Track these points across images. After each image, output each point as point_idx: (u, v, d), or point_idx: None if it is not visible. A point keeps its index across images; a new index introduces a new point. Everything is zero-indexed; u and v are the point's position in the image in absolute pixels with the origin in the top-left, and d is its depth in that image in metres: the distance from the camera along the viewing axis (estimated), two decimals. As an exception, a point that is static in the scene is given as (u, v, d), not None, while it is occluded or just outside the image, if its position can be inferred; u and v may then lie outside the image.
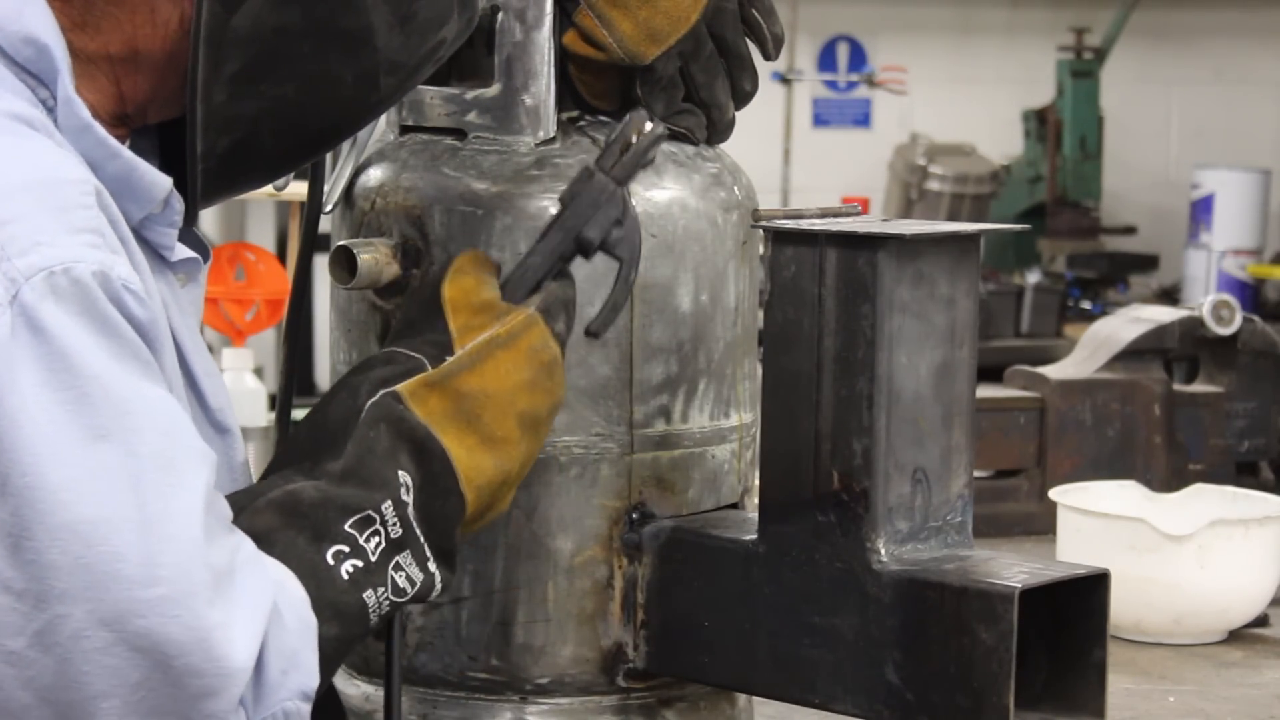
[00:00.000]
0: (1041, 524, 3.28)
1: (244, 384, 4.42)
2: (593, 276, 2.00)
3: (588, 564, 2.12)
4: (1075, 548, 2.90)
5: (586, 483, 2.11)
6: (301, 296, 2.22)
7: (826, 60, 9.18)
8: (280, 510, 1.69)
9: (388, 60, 1.76)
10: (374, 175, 2.17)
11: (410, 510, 1.74)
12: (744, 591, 2.04)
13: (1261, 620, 2.98)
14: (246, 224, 7.62)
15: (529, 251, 1.94)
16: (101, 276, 1.54)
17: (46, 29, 1.65)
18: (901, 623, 1.93)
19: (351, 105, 1.79)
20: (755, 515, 2.07)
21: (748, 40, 2.17)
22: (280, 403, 2.22)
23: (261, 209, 7.51)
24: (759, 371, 2.11)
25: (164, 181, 1.70)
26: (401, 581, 1.73)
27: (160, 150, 1.82)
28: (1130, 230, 9.07)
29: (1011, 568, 1.93)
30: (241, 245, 5.07)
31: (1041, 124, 8.80)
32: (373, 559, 1.70)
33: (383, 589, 1.71)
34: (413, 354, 1.83)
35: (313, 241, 2.19)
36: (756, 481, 2.12)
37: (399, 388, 1.78)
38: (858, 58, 9.20)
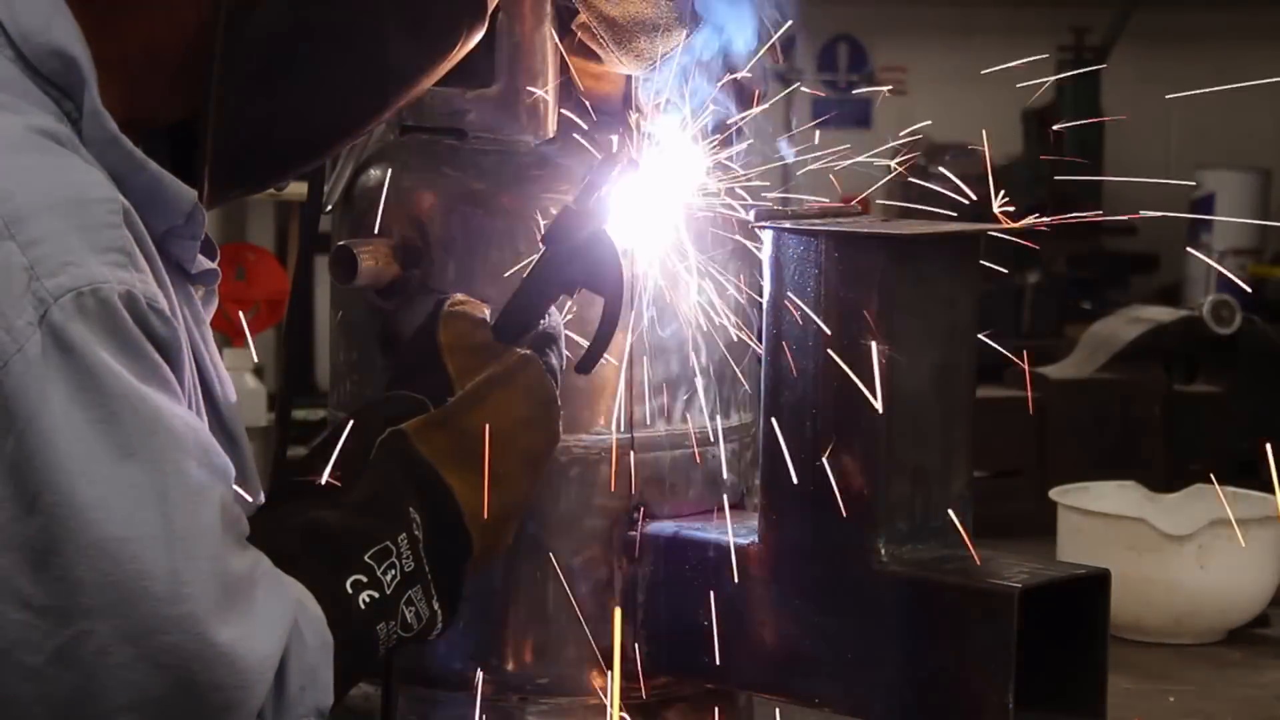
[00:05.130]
0: (1041, 524, 3.28)
1: (244, 384, 4.42)
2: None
3: (588, 564, 2.12)
4: (1075, 548, 2.90)
5: (586, 483, 2.11)
6: (301, 296, 2.22)
7: (826, 60, 9.17)
8: (304, 535, 1.71)
9: (399, 66, 1.77)
10: (374, 175, 2.17)
11: (421, 546, 1.75)
12: (744, 591, 2.04)
13: (1261, 620, 2.98)
14: (246, 224, 7.61)
15: (515, 293, 1.95)
16: (128, 297, 1.55)
17: (73, 40, 1.64)
18: (901, 623, 1.93)
19: (361, 108, 1.79)
20: (755, 515, 2.06)
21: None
22: (280, 403, 2.22)
23: (261, 209, 7.51)
24: (759, 371, 2.11)
25: (189, 195, 1.70)
26: (410, 616, 1.75)
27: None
28: (1130, 230, 9.07)
29: (1011, 568, 1.93)
30: (241, 245, 5.07)
31: (1041, 124, 8.80)
32: (388, 591, 1.73)
33: (393, 622, 1.74)
34: (415, 395, 1.84)
35: (313, 241, 2.19)
36: (757, 481, 2.12)
37: (405, 426, 1.80)
38: (858, 58, 9.20)
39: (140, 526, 1.52)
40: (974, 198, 2.12)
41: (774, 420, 2.02)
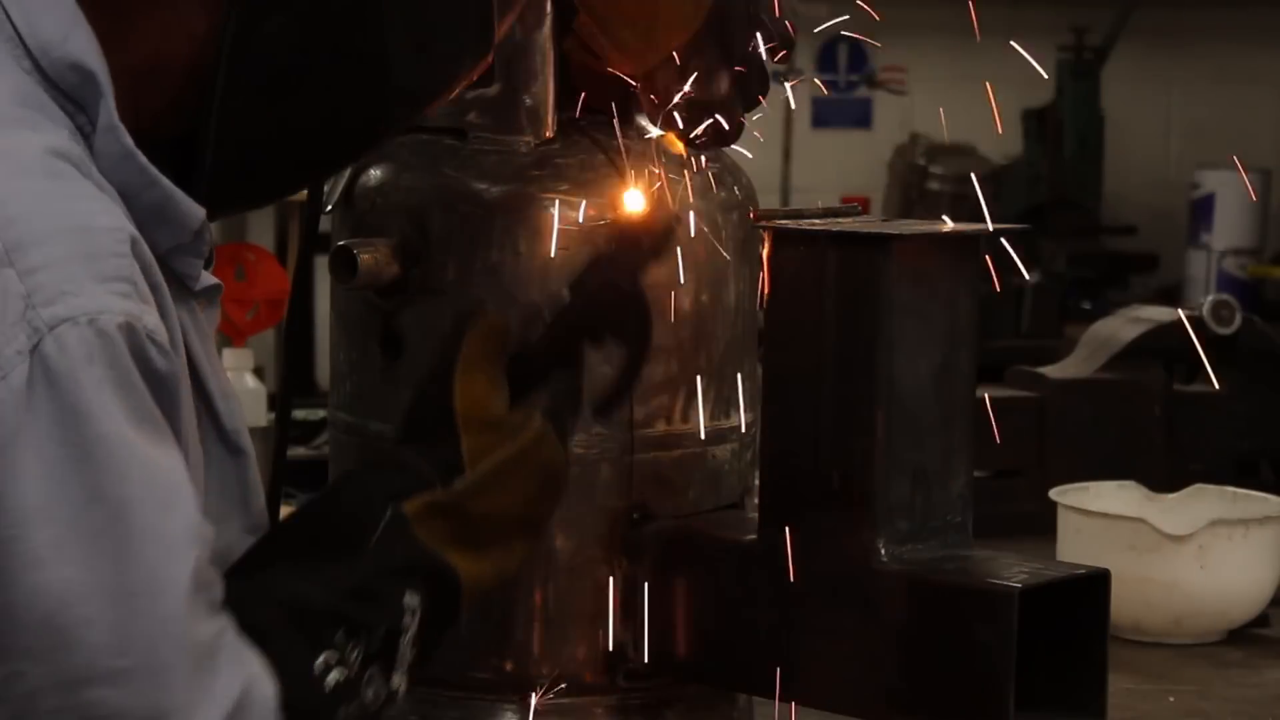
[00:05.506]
0: (1041, 524, 3.28)
1: (244, 384, 4.41)
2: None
3: (588, 564, 2.12)
4: (1075, 548, 2.90)
5: (586, 483, 2.11)
6: (301, 296, 2.21)
7: (826, 60, 9.17)
8: (286, 610, 1.64)
9: (403, 87, 1.74)
10: (374, 175, 2.17)
11: (407, 636, 1.71)
12: (744, 591, 2.04)
13: (1261, 620, 2.98)
14: (246, 224, 7.62)
15: (539, 337, 1.90)
16: (127, 328, 1.50)
17: (92, 53, 1.61)
18: (901, 623, 1.93)
19: (362, 129, 1.76)
20: (755, 515, 2.06)
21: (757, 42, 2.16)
22: (280, 403, 2.22)
23: (261, 209, 7.52)
24: (759, 371, 2.11)
25: (198, 212, 1.66)
26: (369, 697, 1.69)
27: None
28: (1130, 230, 9.07)
29: (1011, 568, 1.93)
30: (241, 245, 5.06)
31: (1041, 124, 8.80)
32: (352, 672, 1.66)
33: (355, 702, 1.67)
34: (422, 464, 1.79)
35: (313, 241, 2.18)
36: (756, 481, 2.12)
37: (407, 511, 1.74)
38: (858, 58, 9.20)
39: (90, 573, 1.46)
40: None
41: (774, 420, 2.02)
